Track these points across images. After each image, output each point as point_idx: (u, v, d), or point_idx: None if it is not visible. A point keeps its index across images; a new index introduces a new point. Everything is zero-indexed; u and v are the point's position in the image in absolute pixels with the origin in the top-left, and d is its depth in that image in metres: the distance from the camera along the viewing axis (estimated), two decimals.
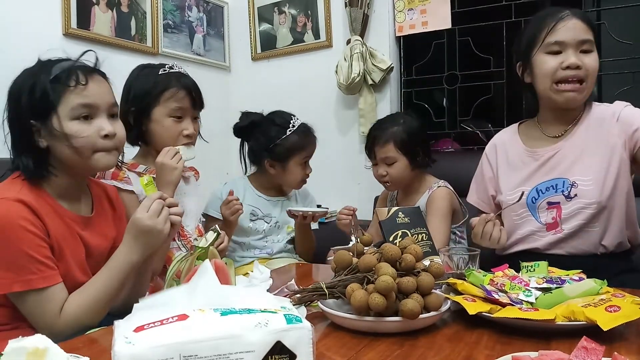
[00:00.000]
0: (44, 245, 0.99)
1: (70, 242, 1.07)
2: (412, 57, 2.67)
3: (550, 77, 1.33)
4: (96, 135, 1.05)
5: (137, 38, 2.35)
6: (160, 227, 1.01)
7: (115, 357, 0.55)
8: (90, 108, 1.05)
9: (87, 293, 1.02)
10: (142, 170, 1.50)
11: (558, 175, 1.37)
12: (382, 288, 0.83)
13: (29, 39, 1.89)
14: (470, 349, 0.78)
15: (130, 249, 1.03)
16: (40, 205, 1.01)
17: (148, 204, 1.02)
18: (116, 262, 1.03)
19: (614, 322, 0.77)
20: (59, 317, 0.99)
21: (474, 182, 1.61)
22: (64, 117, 1.03)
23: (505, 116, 2.45)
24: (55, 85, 1.02)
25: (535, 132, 1.47)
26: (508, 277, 1.04)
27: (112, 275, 1.02)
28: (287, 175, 1.85)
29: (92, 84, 1.06)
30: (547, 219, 1.38)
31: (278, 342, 0.59)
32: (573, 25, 1.30)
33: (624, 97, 2.19)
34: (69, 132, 1.03)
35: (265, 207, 1.92)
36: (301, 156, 1.83)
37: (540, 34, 1.34)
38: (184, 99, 1.50)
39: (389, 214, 1.25)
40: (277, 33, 2.85)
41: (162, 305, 0.64)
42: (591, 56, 1.31)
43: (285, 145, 1.81)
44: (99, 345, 0.84)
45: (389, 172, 1.76)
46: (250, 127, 1.89)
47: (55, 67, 1.04)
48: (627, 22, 2.39)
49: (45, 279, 0.98)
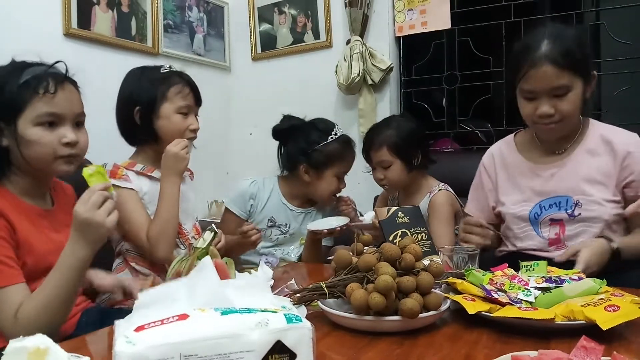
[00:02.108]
0: (5, 245, 1.00)
1: (37, 236, 1.08)
2: (411, 57, 2.67)
3: (528, 118, 1.35)
4: (57, 143, 1.07)
5: (138, 38, 2.35)
6: (99, 220, 0.96)
7: (115, 356, 0.55)
8: (56, 117, 1.07)
9: (41, 295, 0.99)
10: (140, 169, 1.51)
11: (562, 193, 1.36)
12: (381, 287, 0.83)
13: (30, 39, 1.89)
14: (470, 348, 0.78)
15: (74, 244, 0.99)
16: (2, 204, 1.02)
17: (87, 196, 0.98)
18: (64, 260, 0.99)
19: (613, 321, 0.77)
20: (16, 319, 0.96)
21: (473, 192, 1.59)
22: (27, 122, 1.04)
23: (504, 116, 2.45)
24: (24, 90, 1.04)
25: (534, 146, 1.46)
26: (507, 276, 1.05)
27: (62, 274, 0.99)
28: (320, 184, 1.77)
29: (61, 93, 1.07)
30: (549, 234, 1.38)
31: (278, 342, 0.59)
32: (544, 74, 1.26)
33: (624, 97, 2.20)
34: (31, 137, 1.04)
35: (285, 216, 1.85)
36: (339, 167, 1.77)
37: (516, 76, 1.32)
38: (189, 95, 1.53)
39: (389, 214, 1.25)
40: (277, 33, 2.85)
41: (162, 302, 0.64)
42: (566, 100, 1.27)
43: (324, 152, 1.75)
44: (99, 345, 0.84)
45: (386, 175, 1.75)
46: (290, 130, 1.82)
47: (27, 71, 1.06)
48: (627, 22, 2.40)
49: (4, 278, 0.98)
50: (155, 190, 1.48)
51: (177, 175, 1.45)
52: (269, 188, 1.86)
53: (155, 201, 1.46)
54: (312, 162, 1.76)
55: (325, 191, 1.79)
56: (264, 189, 1.86)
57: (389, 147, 1.72)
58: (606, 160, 1.34)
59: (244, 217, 1.84)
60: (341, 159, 1.78)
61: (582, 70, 1.28)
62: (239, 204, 1.83)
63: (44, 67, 1.08)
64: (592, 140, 1.38)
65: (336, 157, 1.76)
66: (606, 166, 1.34)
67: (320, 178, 1.77)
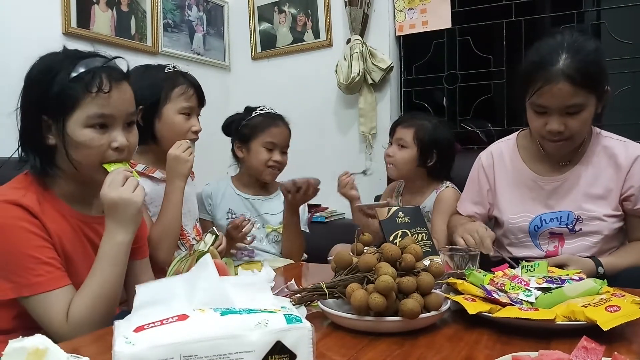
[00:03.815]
0: (47, 245, 0.96)
1: (76, 244, 1.03)
2: (412, 56, 2.67)
3: (536, 131, 1.32)
4: (107, 147, 1.00)
5: (137, 37, 2.35)
6: (126, 196, 0.94)
7: (115, 357, 0.55)
8: (107, 118, 0.99)
9: (87, 291, 0.96)
10: (141, 169, 1.51)
11: (564, 208, 1.35)
12: (382, 288, 0.83)
13: (29, 38, 1.89)
14: (470, 349, 0.78)
15: (110, 230, 0.97)
16: (42, 207, 0.97)
17: (109, 178, 0.97)
18: (103, 249, 0.97)
19: (614, 321, 0.77)
20: (66, 321, 0.94)
21: (470, 186, 1.56)
22: (77, 122, 0.97)
23: (505, 115, 2.45)
24: (76, 86, 0.96)
25: (538, 155, 1.42)
26: (508, 277, 1.04)
27: (103, 265, 0.97)
28: (251, 157, 1.81)
29: (116, 92, 0.99)
30: (548, 247, 1.38)
31: (278, 342, 0.59)
32: (559, 91, 1.20)
33: (624, 96, 2.20)
34: (80, 139, 0.97)
35: (243, 205, 1.88)
36: (264, 137, 1.79)
37: (529, 87, 1.26)
38: (193, 96, 1.53)
39: (389, 214, 1.24)
40: (277, 32, 2.85)
41: (162, 303, 0.64)
42: (578, 118, 1.23)
43: (249, 125, 1.81)
44: (99, 345, 0.83)
45: (397, 154, 1.78)
46: (231, 125, 1.88)
47: (81, 63, 0.97)
48: (627, 21, 2.39)
49: (53, 280, 0.95)
50: (157, 191, 1.48)
51: (181, 179, 1.44)
52: (223, 185, 1.91)
53: (157, 202, 1.46)
54: (241, 138, 1.82)
55: (256, 162, 1.81)
56: (218, 187, 1.91)
57: (416, 133, 1.76)
58: (609, 174, 1.33)
59: (209, 218, 1.86)
60: (264, 129, 1.80)
61: (597, 87, 1.23)
62: (202, 209, 1.85)
63: (101, 60, 1.00)
64: (596, 153, 1.36)
65: (259, 127, 1.80)
66: (609, 181, 1.33)
67: (249, 150, 1.81)
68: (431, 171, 1.80)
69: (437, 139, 1.77)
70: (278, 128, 1.82)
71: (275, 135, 1.81)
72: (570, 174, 1.36)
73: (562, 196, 1.36)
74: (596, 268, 1.25)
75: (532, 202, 1.40)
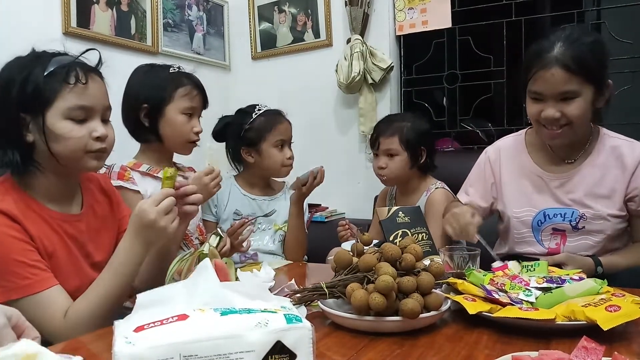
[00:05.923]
0: (30, 249, 0.97)
1: (59, 245, 1.03)
2: (412, 56, 2.67)
3: (533, 119, 1.33)
4: (88, 137, 1.01)
5: (137, 37, 2.35)
6: (163, 224, 0.96)
7: (115, 357, 0.55)
8: (87, 110, 1.01)
9: (94, 293, 0.98)
10: (146, 169, 1.51)
11: (568, 204, 1.36)
12: (382, 288, 0.83)
13: (29, 37, 1.86)
14: (471, 349, 0.78)
15: (131, 245, 0.98)
16: (22, 211, 0.98)
17: (160, 198, 0.97)
18: (117, 260, 0.99)
19: (614, 321, 0.77)
20: (63, 321, 0.95)
21: (475, 176, 1.55)
22: (57, 115, 0.98)
23: (505, 115, 2.45)
24: (51, 81, 0.97)
25: (544, 151, 1.43)
26: (508, 276, 1.04)
27: (112, 277, 0.98)
28: (263, 160, 1.79)
29: (92, 84, 1.01)
30: (550, 244, 1.38)
31: (278, 342, 0.59)
32: (552, 77, 1.22)
33: (624, 96, 2.20)
34: (61, 131, 0.98)
35: (249, 207, 1.86)
36: (273, 136, 1.78)
37: (526, 75, 1.29)
38: (196, 97, 1.53)
39: (389, 214, 1.25)
40: (277, 32, 2.85)
41: (162, 303, 0.64)
42: (573, 104, 1.24)
43: (254, 128, 1.78)
44: (99, 345, 0.83)
45: (389, 164, 1.76)
46: (225, 128, 1.86)
47: (52, 60, 0.99)
48: (627, 21, 2.39)
49: (41, 282, 0.95)
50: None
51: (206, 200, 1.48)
52: (227, 187, 1.88)
53: None
54: (248, 142, 1.79)
55: (272, 165, 1.80)
56: (223, 188, 1.89)
57: (401, 138, 1.74)
58: (615, 175, 1.33)
59: (214, 220, 1.84)
60: (271, 128, 1.79)
61: (594, 77, 1.23)
62: (206, 209, 1.83)
63: (71, 57, 1.02)
64: (603, 152, 1.36)
65: (265, 128, 1.78)
66: (614, 181, 1.33)
67: (261, 154, 1.79)
68: (422, 167, 1.79)
69: (420, 135, 1.76)
70: (282, 124, 1.82)
71: (282, 132, 1.80)
72: (576, 172, 1.37)
73: (567, 193, 1.36)
74: (595, 267, 1.26)
75: (537, 197, 1.40)
